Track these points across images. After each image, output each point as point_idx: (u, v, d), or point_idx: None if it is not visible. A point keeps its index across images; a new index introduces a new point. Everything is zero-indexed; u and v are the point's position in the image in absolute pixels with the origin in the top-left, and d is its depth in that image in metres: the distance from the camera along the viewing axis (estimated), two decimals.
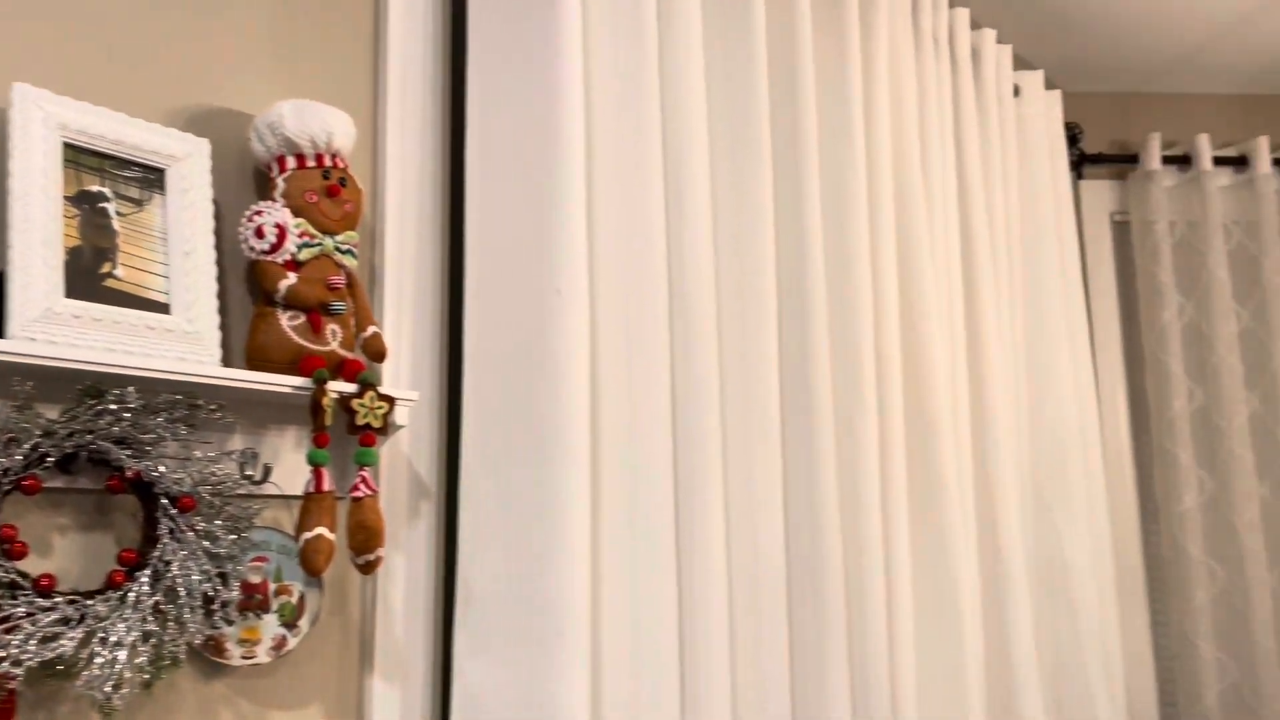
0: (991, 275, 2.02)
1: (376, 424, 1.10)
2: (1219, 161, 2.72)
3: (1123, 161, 2.76)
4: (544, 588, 1.12)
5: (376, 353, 1.15)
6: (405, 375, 1.24)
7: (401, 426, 1.18)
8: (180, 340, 1.02)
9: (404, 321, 1.24)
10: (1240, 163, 2.72)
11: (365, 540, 1.09)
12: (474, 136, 1.26)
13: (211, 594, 0.99)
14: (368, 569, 1.11)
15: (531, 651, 1.11)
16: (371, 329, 1.15)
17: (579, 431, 1.16)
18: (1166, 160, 2.73)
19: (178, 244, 1.04)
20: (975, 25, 2.38)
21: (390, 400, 1.12)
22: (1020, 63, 2.61)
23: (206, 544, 0.98)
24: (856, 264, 1.64)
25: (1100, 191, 2.78)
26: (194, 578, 0.96)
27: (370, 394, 1.10)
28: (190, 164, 1.08)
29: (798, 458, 1.52)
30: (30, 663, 0.87)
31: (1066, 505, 2.13)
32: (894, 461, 1.67)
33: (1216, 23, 2.46)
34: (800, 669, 1.46)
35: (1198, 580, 2.52)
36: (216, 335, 1.06)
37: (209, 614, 0.99)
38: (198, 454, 1.01)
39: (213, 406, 1.02)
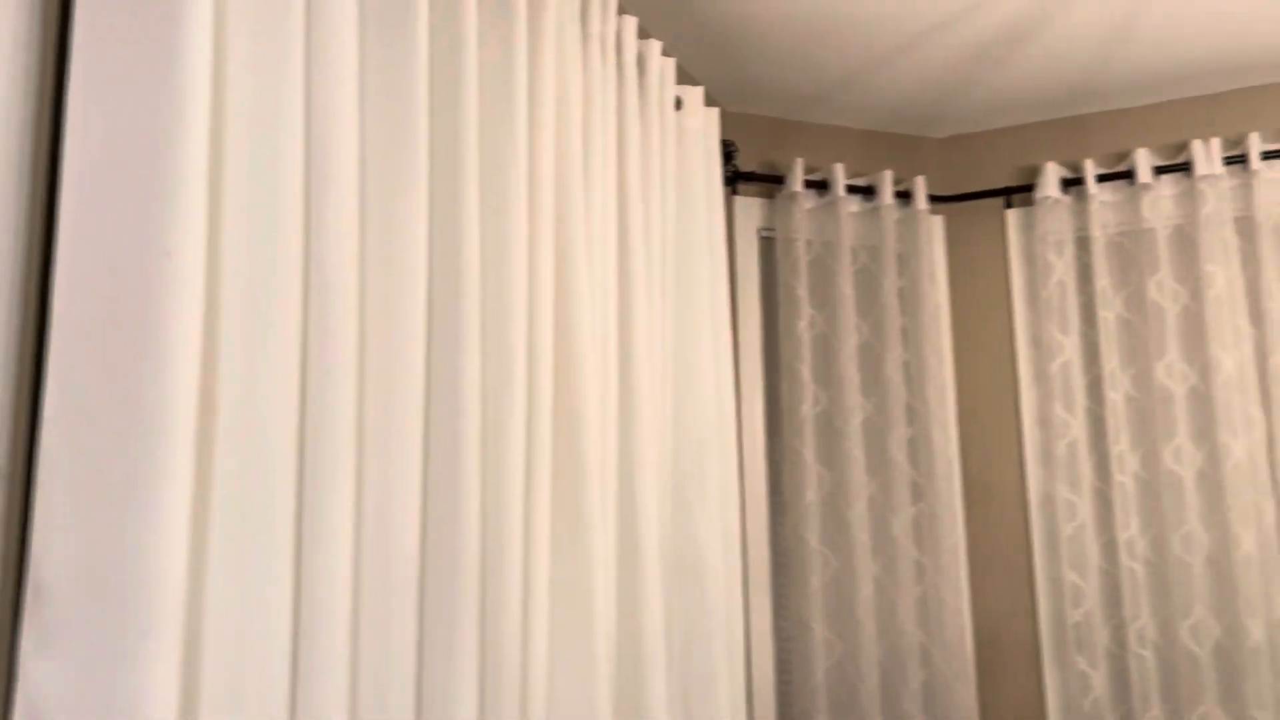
0: (645, 279, 2.11)
1: None
2: (851, 189, 3.02)
3: (771, 181, 2.99)
4: (131, 578, 1.01)
5: None
6: None
7: None
8: None
9: None
10: (868, 192, 3.03)
11: None
12: (78, 75, 1.12)
13: None
14: None
15: (113, 649, 1.00)
16: None
17: (181, 408, 1.06)
18: (808, 184, 2.98)
19: None
20: (643, 35, 2.48)
21: None
22: (683, 76, 2.74)
23: None
24: (513, 261, 1.65)
25: (751, 208, 2.99)
26: None
27: None
28: None
29: (441, 446, 1.50)
30: None
31: (703, 498, 2.27)
32: (540, 454, 1.69)
33: (853, 64, 2.72)
34: (429, 654, 1.44)
35: (814, 567, 2.78)
36: None
37: None
38: None
39: None
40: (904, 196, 3.07)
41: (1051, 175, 2.95)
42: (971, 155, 3.16)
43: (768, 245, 3.03)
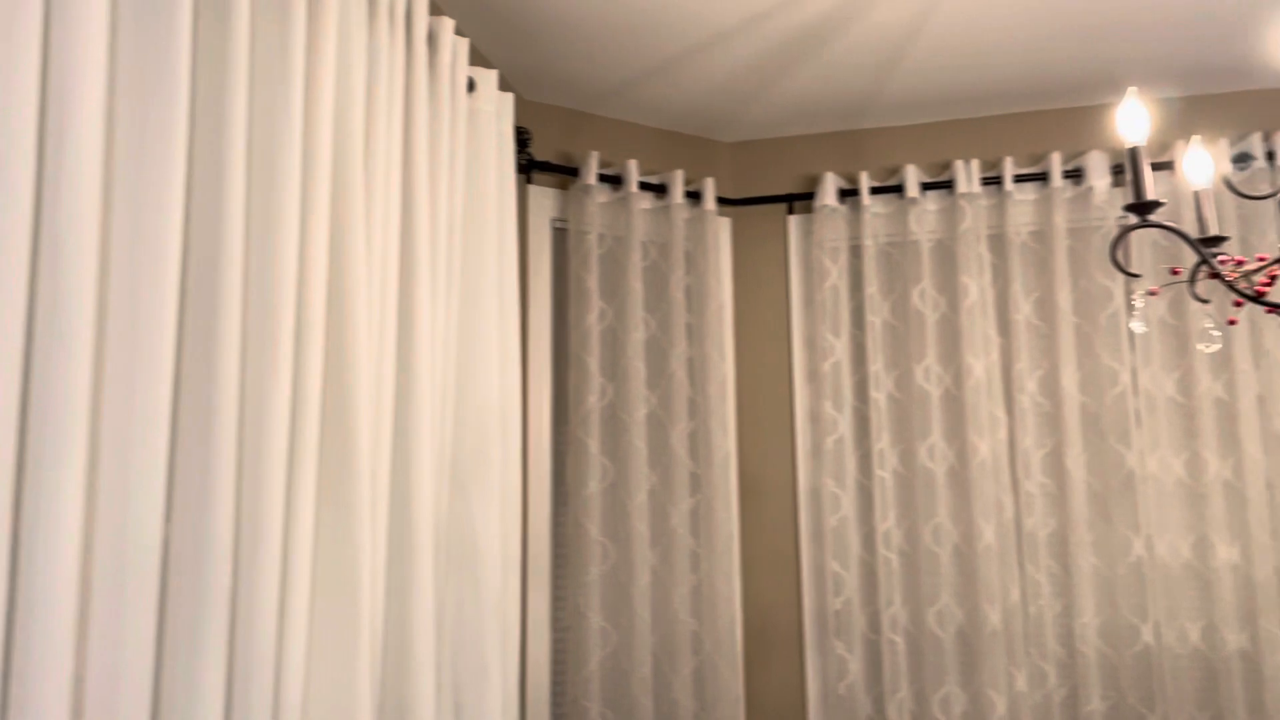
0: (430, 262, 2.06)
1: None
2: (644, 186, 3.06)
3: (566, 172, 2.99)
4: None
5: None
6: None
7: None
8: None
9: None
10: (660, 189, 3.09)
11: None
12: None
13: None
14: None
15: None
16: None
17: None
18: (602, 178, 3.00)
19: None
20: (435, 12, 2.41)
21: None
22: (478, 59, 2.70)
23: None
24: (281, 239, 1.56)
25: (545, 197, 2.98)
26: None
27: None
28: None
29: (191, 431, 1.41)
30: None
31: (483, 487, 2.24)
32: (305, 439, 1.62)
33: (650, 62, 2.76)
34: (170, 654, 1.35)
35: (593, 557, 2.81)
36: None
37: None
38: None
39: None
40: (694, 196, 3.14)
41: (830, 185, 3.10)
42: (759, 161, 3.27)
43: (560, 236, 3.03)
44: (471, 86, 2.33)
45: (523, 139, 2.86)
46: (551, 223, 3.00)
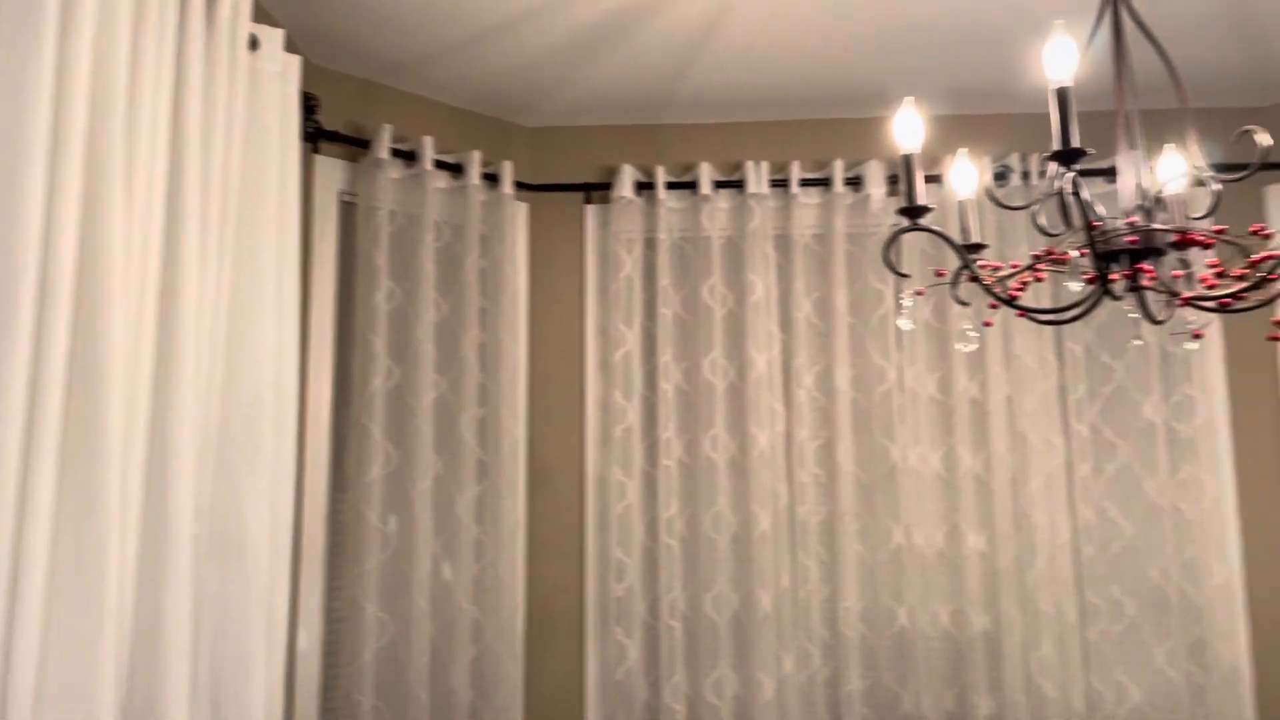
0: (199, 230, 1.92)
1: None
2: (439, 165, 2.99)
3: (357, 144, 2.88)
4: None
5: None
6: None
7: None
8: None
9: None
10: (456, 169, 3.02)
11: None
12: None
13: None
14: None
15: None
16: None
17: None
18: (395, 153, 2.91)
19: None
20: None
21: None
22: (263, 15, 2.55)
23: None
24: (23, 199, 1.42)
25: (332, 169, 2.85)
26: None
27: None
28: None
29: None
30: None
31: (253, 470, 2.11)
32: (47, 413, 1.47)
33: (450, 38, 2.69)
34: None
35: (371, 545, 2.71)
36: None
37: None
38: None
39: None
40: (492, 179, 3.10)
41: (627, 177, 3.13)
42: (558, 147, 3.26)
43: (348, 210, 2.91)
44: (254, 44, 2.19)
45: (310, 105, 2.73)
46: (339, 196, 2.88)
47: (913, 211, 1.55)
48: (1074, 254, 1.46)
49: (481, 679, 2.87)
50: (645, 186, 3.15)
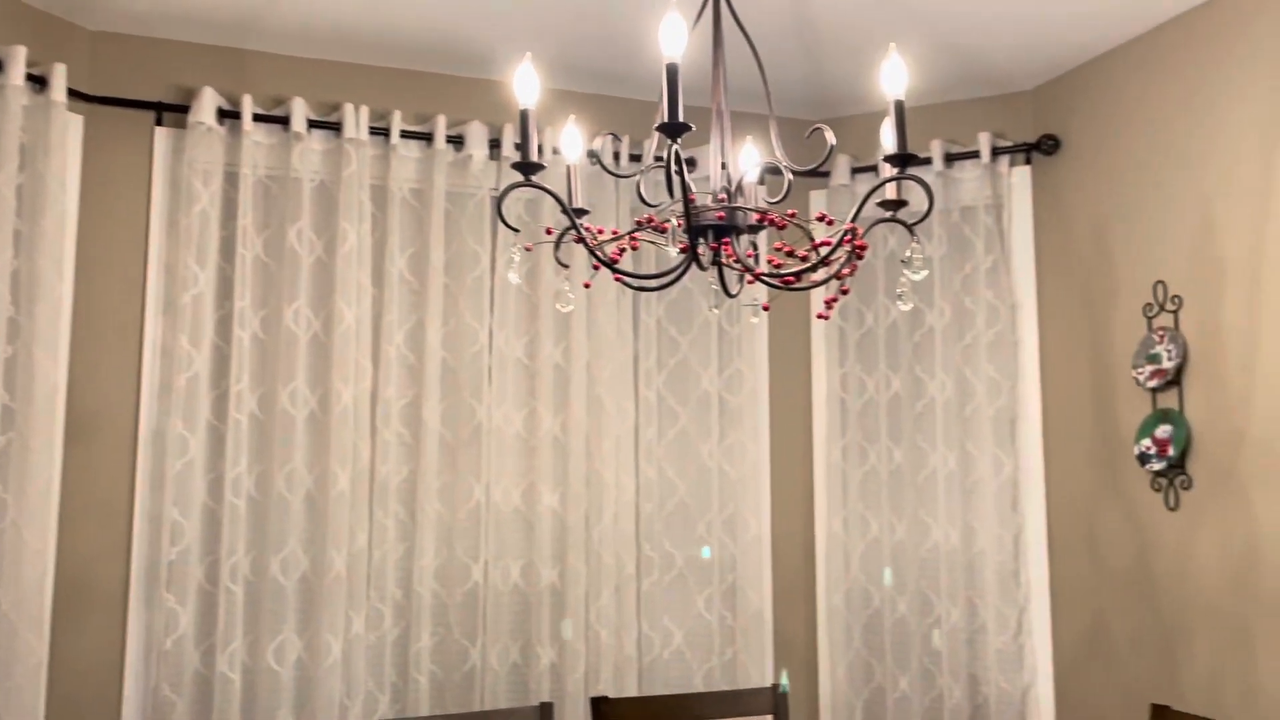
0: None
1: None
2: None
3: None
4: None
5: None
6: None
7: None
8: None
9: None
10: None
11: None
12: None
13: None
14: None
15: None
16: None
17: None
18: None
19: None
20: None
21: None
22: None
23: None
24: None
25: None
26: None
27: None
28: None
29: None
30: None
31: None
32: None
33: None
34: None
35: None
36: None
37: None
38: None
39: None
40: (39, 82, 2.66)
41: (209, 102, 2.84)
42: (128, 58, 2.88)
43: None
44: None
45: None
46: None
47: (527, 168, 1.58)
48: (673, 221, 1.57)
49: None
50: (229, 115, 2.88)
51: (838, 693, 3.25)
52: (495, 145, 3.10)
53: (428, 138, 3.04)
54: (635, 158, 3.22)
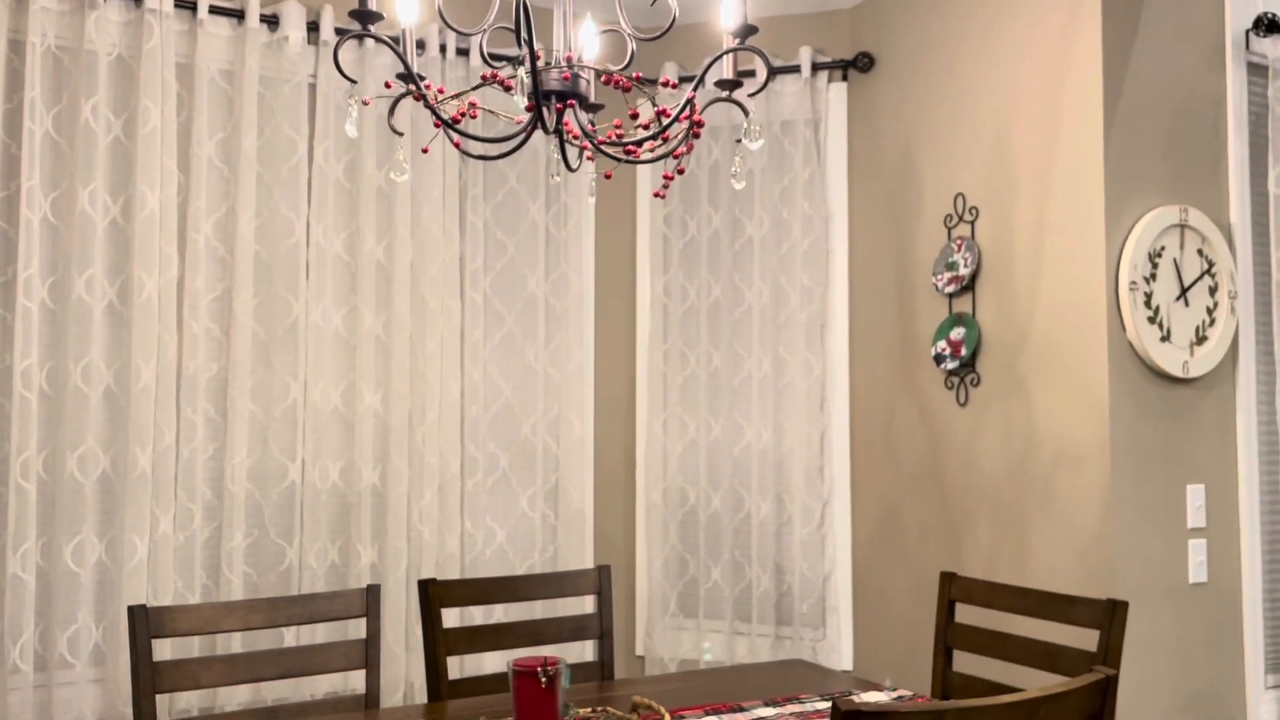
0: None
1: None
2: None
3: None
4: None
5: None
6: None
7: None
8: None
9: None
10: None
11: None
12: None
13: None
14: None
15: None
16: None
17: None
18: None
19: None
20: None
21: None
22: None
23: None
24: None
25: None
26: None
27: None
28: None
29: None
30: None
31: None
32: None
33: None
34: None
35: None
36: None
37: None
38: None
39: None
40: None
41: None
42: None
43: None
44: None
45: None
46: None
47: (365, 16, 1.53)
48: (521, 75, 1.55)
49: None
50: None
51: (654, 585, 3.38)
52: (314, 29, 2.96)
53: (239, 15, 2.87)
54: (463, 52, 3.15)
